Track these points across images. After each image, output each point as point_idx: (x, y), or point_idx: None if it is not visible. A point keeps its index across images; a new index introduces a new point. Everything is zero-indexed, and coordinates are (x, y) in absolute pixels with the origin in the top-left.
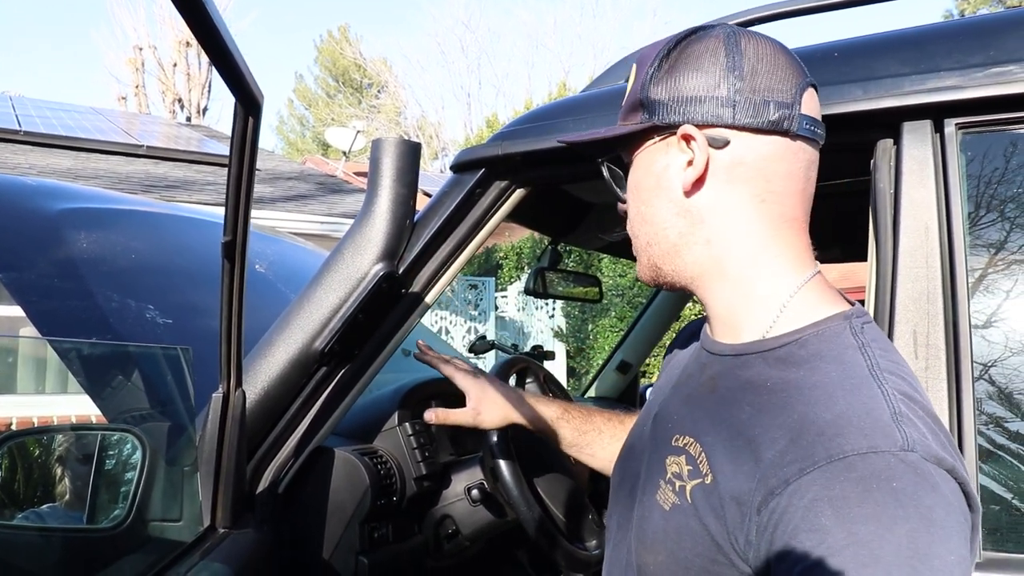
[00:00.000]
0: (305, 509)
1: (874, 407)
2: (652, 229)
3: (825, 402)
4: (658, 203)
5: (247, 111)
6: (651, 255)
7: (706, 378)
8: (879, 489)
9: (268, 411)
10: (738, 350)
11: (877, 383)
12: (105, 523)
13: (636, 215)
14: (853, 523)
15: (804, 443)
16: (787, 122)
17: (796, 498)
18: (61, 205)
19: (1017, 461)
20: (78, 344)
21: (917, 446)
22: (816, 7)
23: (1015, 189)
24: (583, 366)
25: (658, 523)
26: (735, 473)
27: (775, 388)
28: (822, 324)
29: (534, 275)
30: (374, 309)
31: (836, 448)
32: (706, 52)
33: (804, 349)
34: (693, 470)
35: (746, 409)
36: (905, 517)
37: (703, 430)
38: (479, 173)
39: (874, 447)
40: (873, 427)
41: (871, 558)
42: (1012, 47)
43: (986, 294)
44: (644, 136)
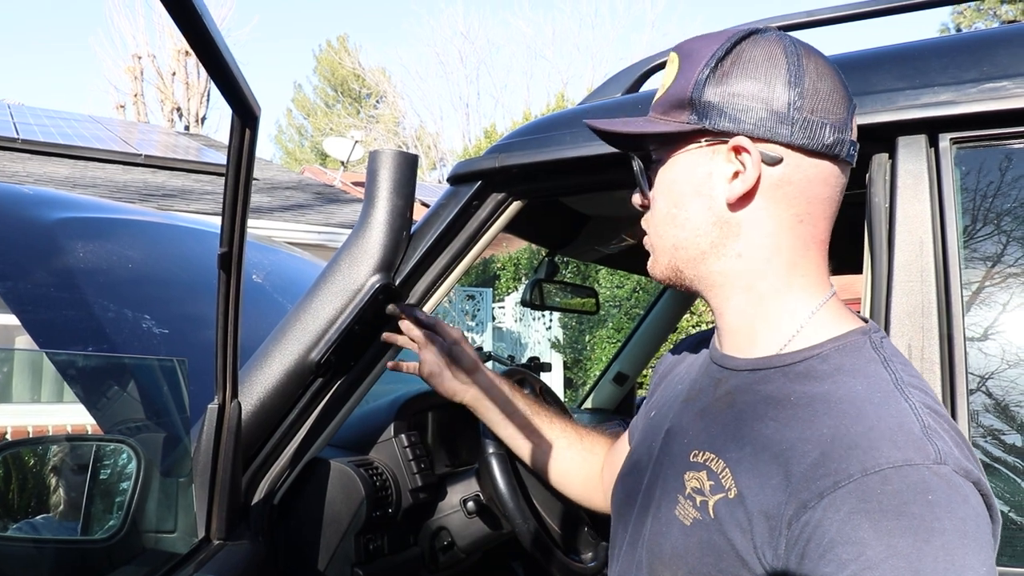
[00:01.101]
0: (300, 521)
1: (904, 420)
2: (683, 233)
3: (855, 415)
4: (694, 209)
5: (244, 123)
6: (675, 258)
7: (722, 392)
8: (915, 502)
9: (264, 422)
10: (755, 364)
11: (904, 396)
12: (99, 534)
13: (665, 216)
14: (891, 536)
15: (837, 456)
16: (839, 147)
17: (832, 511)
18: (58, 214)
19: (1012, 474)
20: (74, 355)
21: (948, 459)
22: (812, 22)
23: (1009, 204)
24: (580, 377)
25: (678, 538)
26: (762, 487)
27: (799, 402)
28: (842, 339)
29: (531, 287)
30: (370, 321)
31: (871, 461)
32: (767, 60)
33: (826, 363)
34: (715, 485)
35: (770, 424)
36: (941, 530)
37: (724, 446)
38: (476, 185)
39: (908, 460)
40: (906, 440)
41: (910, 570)
42: (1005, 63)
43: (980, 308)
44: (687, 138)
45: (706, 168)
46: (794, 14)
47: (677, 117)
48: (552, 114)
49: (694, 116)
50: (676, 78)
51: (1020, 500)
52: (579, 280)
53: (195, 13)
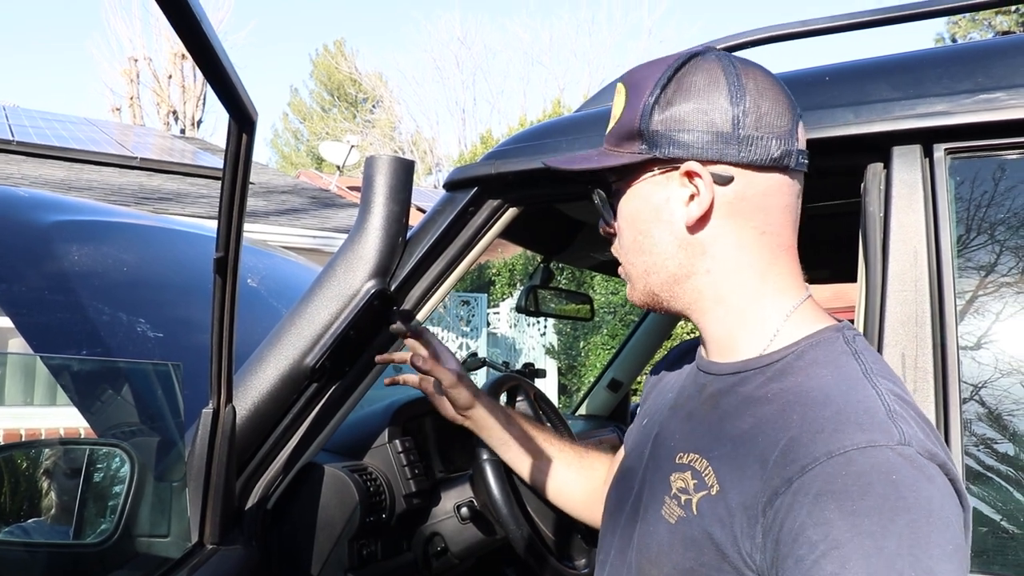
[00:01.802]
0: (294, 526)
1: (870, 405)
2: (651, 259)
3: (823, 402)
4: (658, 234)
5: (241, 128)
6: (648, 283)
7: (706, 396)
8: (879, 482)
9: (258, 427)
10: (737, 368)
11: (871, 384)
12: (92, 538)
13: (632, 244)
14: (856, 516)
15: (805, 441)
16: (787, 159)
17: (801, 495)
18: (53, 217)
19: (1004, 483)
20: (68, 359)
21: (913, 441)
22: (807, 31)
23: (1002, 214)
24: (575, 383)
25: (664, 537)
26: (740, 481)
27: (774, 397)
28: (815, 336)
29: (526, 293)
30: (365, 326)
31: (836, 444)
32: (707, 84)
33: (801, 359)
34: (699, 483)
35: (748, 420)
36: (905, 508)
37: (707, 446)
38: (472, 191)
39: (873, 441)
40: (870, 423)
41: (875, 548)
42: (999, 74)
43: (974, 318)
44: (641, 167)
45: (663, 194)
46: (788, 24)
47: (629, 148)
48: (548, 121)
49: (644, 146)
50: (624, 109)
51: (1012, 508)
52: (574, 286)
53: (193, 18)
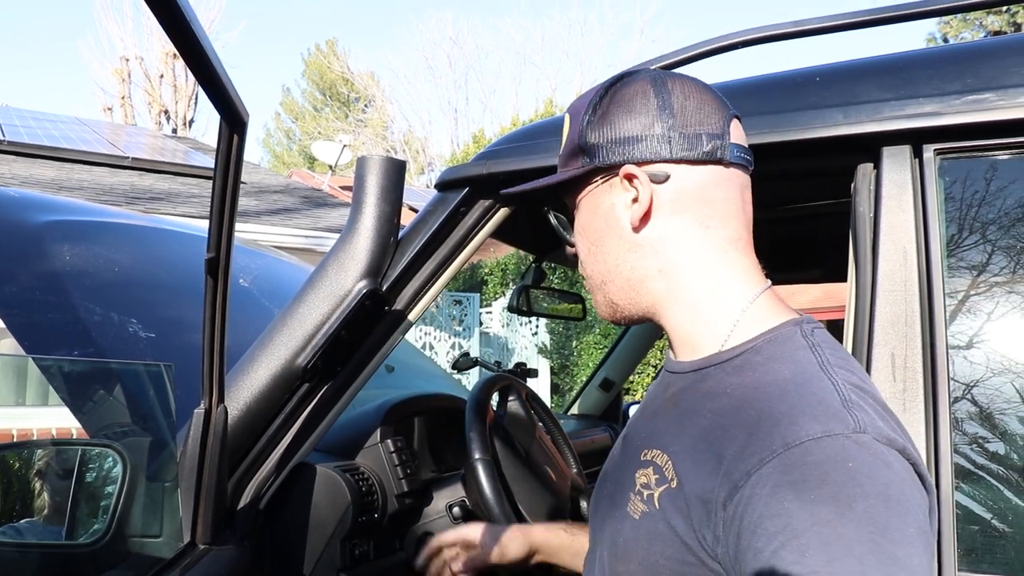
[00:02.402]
0: (286, 526)
1: (825, 396)
2: (605, 267)
3: (779, 396)
4: (609, 242)
5: (232, 129)
6: (607, 292)
7: (669, 395)
8: (836, 470)
9: (250, 427)
10: (697, 365)
11: (827, 376)
12: (84, 538)
13: (588, 255)
14: (814, 504)
15: (761, 435)
16: (720, 151)
17: (759, 488)
18: (44, 217)
19: (994, 482)
20: (60, 360)
21: (868, 427)
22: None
23: (991, 214)
24: (567, 383)
25: (629, 533)
26: (698, 474)
27: (732, 392)
28: (774, 331)
29: (518, 292)
30: (357, 326)
31: (792, 435)
32: (637, 95)
33: (759, 355)
34: (660, 478)
35: (707, 416)
36: (863, 495)
37: (668, 441)
38: (463, 192)
39: (828, 431)
40: (825, 413)
41: (834, 536)
42: (988, 75)
43: (963, 318)
44: (586, 180)
45: (608, 202)
46: (781, 24)
47: (573, 165)
48: (539, 121)
49: (586, 159)
50: (568, 133)
51: (1001, 507)
52: (567, 286)
53: (183, 19)
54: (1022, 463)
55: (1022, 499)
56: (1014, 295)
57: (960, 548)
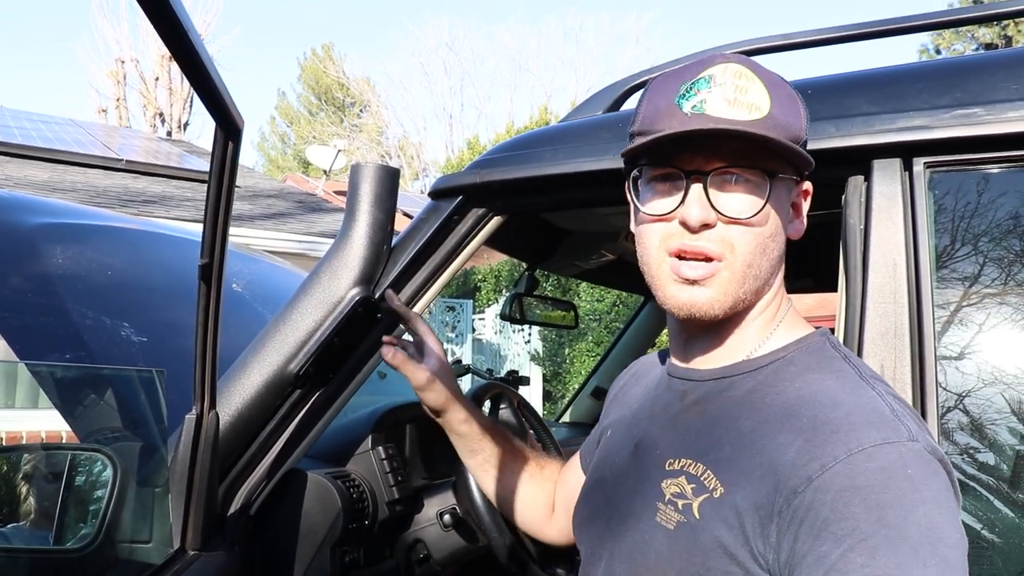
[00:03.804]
0: (276, 532)
1: (876, 406)
2: (769, 263)
3: (831, 404)
4: (781, 240)
5: (227, 135)
6: (751, 289)
7: (690, 402)
8: (898, 476)
9: (241, 433)
10: (721, 373)
11: (871, 386)
12: (73, 543)
13: (760, 244)
14: (880, 509)
15: (820, 441)
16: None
17: (821, 493)
18: (36, 220)
19: (982, 492)
20: (52, 366)
21: (919, 437)
22: (792, 44)
23: (981, 227)
24: (559, 390)
25: (663, 543)
26: (748, 482)
27: (774, 402)
28: (803, 342)
29: (510, 300)
30: (350, 333)
31: (854, 442)
32: (799, 101)
33: (793, 365)
34: (698, 487)
35: (746, 423)
36: (922, 500)
37: (701, 451)
38: (457, 200)
39: (887, 439)
40: (881, 422)
41: (900, 538)
42: (977, 90)
43: (952, 330)
44: (789, 169)
45: (788, 204)
46: (773, 36)
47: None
48: (533, 131)
49: (803, 151)
50: (777, 108)
51: (991, 517)
52: (560, 293)
53: (180, 27)
54: (1010, 474)
55: (1010, 509)
56: (1003, 307)
57: None
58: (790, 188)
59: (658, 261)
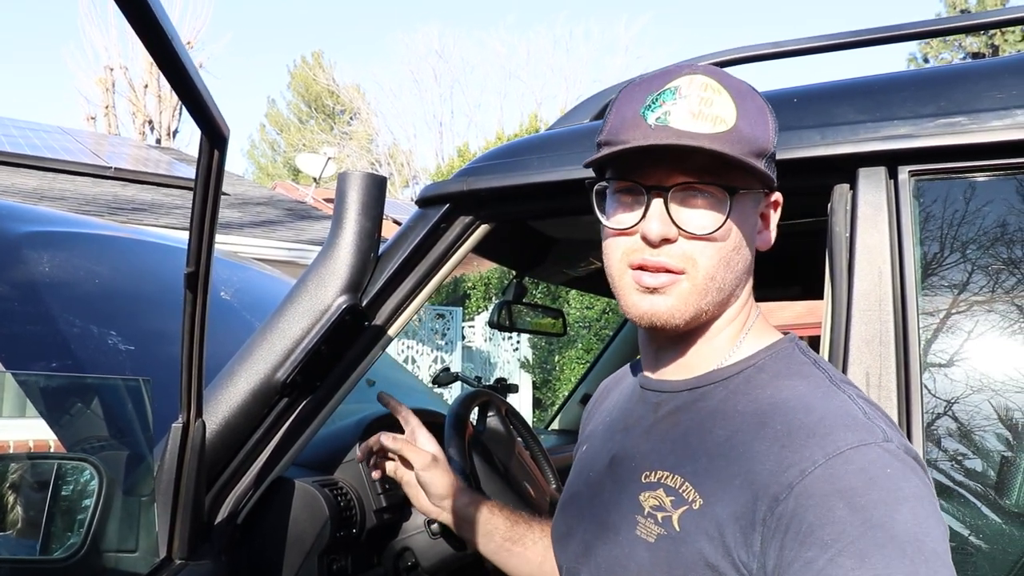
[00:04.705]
0: (264, 540)
1: (848, 409)
2: (732, 277)
3: (804, 410)
4: (745, 254)
5: (213, 144)
6: (714, 301)
7: (663, 414)
8: (880, 476)
9: (228, 441)
10: (693, 384)
11: (841, 390)
12: (59, 553)
13: (723, 258)
14: (866, 510)
15: (797, 447)
16: None
17: (804, 498)
18: (25, 228)
19: (968, 499)
20: (38, 375)
21: (892, 437)
22: (780, 53)
23: (965, 235)
24: (549, 397)
25: (643, 556)
26: (726, 492)
27: (747, 410)
28: (772, 348)
29: (499, 308)
30: (337, 341)
31: (831, 446)
32: (768, 111)
33: (763, 372)
34: (676, 499)
35: (720, 433)
36: (904, 498)
37: (677, 463)
38: (444, 208)
39: (862, 440)
40: (855, 424)
41: (887, 538)
42: (961, 99)
43: (937, 337)
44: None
45: (754, 215)
46: (762, 45)
47: (757, 162)
48: (520, 139)
49: (767, 165)
50: (743, 120)
51: (976, 523)
52: (550, 300)
53: (163, 34)
54: (995, 480)
55: (996, 515)
56: (988, 314)
57: None
58: (757, 200)
59: (620, 273)
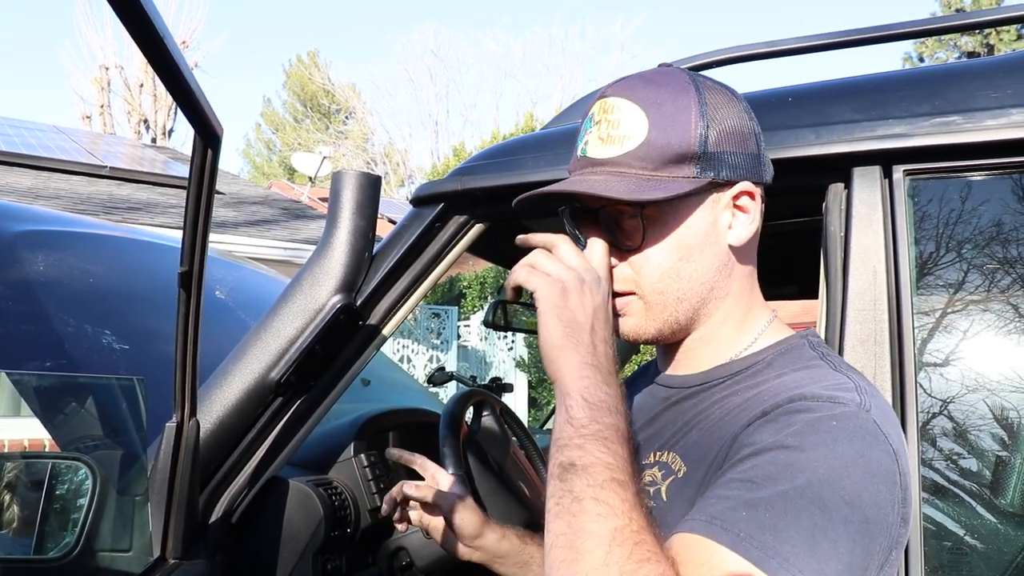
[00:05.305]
0: (258, 540)
1: (840, 381)
2: (688, 285)
3: (795, 384)
4: (702, 259)
5: (206, 143)
6: (677, 311)
7: (670, 404)
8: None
9: (223, 441)
10: (702, 378)
11: (842, 373)
12: (53, 552)
13: (668, 271)
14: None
15: (772, 401)
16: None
17: (768, 417)
18: (19, 227)
19: (963, 498)
20: (32, 374)
21: (874, 411)
22: (775, 52)
23: (960, 234)
24: (544, 397)
25: None
26: (707, 457)
27: (744, 393)
28: (782, 344)
29: (494, 307)
30: (331, 340)
31: (798, 394)
32: (731, 104)
33: (770, 367)
34: (666, 472)
35: (715, 412)
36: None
37: (674, 439)
38: (438, 207)
39: (835, 398)
40: (837, 389)
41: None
42: (956, 98)
43: (931, 336)
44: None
45: (710, 217)
46: (756, 44)
47: (678, 172)
48: (515, 138)
49: (697, 168)
50: (656, 129)
51: (971, 523)
52: None
53: (156, 34)
54: (990, 480)
55: (990, 516)
56: (982, 314)
57: (927, 565)
58: (701, 202)
59: None
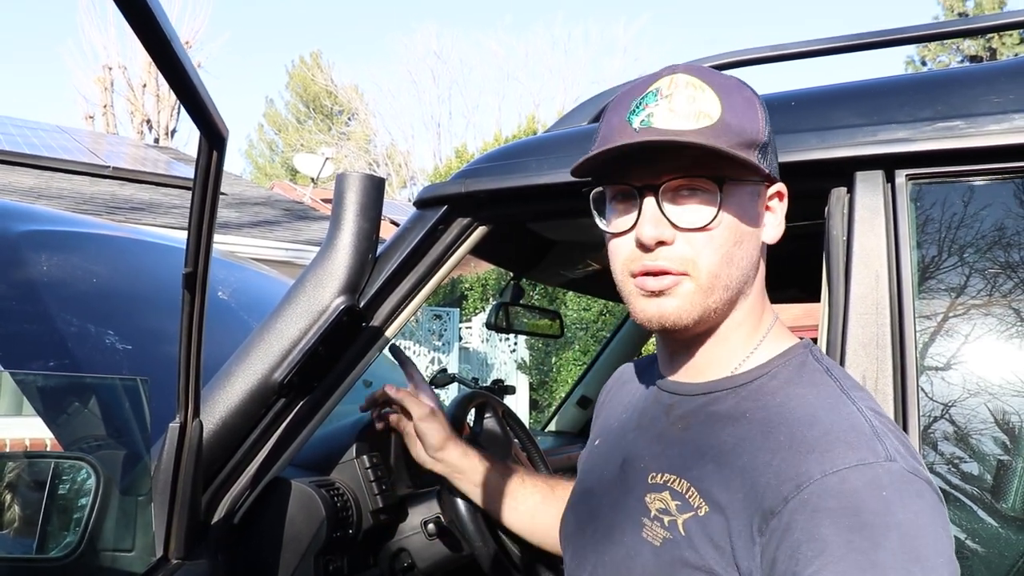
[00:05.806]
0: (260, 540)
1: (855, 422)
2: (736, 273)
3: (809, 421)
4: (749, 248)
5: (211, 144)
6: (721, 299)
7: (675, 417)
8: (872, 499)
9: (225, 441)
10: (706, 388)
11: (851, 401)
12: (56, 552)
13: (725, 254)
14: (851, 531)
15: (796, 461)
16: None
17: (796, 514)
18: (22, 227)
19: (964, 505)
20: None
21: (898, 457)
22: (779, 56)
23: (962, 239)
24: (546, 399)
25: (648, 559)
26: (730, 501)
27: (754, 417)
28: (787, 355)
29: (496, 310)
30: (334, 342)
31: (828, 463)
32: (758, 103)
33: (775, 380)
34: (682, 504)
35: (727, 440)
36: (896, 524)
37: (685, 466)
38: (442, 210)
39: (862, 460)
40: (858, 441)
41: (869, 563)
42: (959, 103)
43: (933, 341)
44: (746, 175)
45: (755, 209)
46: (760, 48)
47: (749, 154)
48: (518, 141)
49: (761, 158)
50: (730, 112)
51: (974, 527)
52: (547, 302)
53: (162, 35)
54: (992, 484)
55: (993, 520)
56: (984, 318)
57: None
58: (755, 193)
59: (623, 280)
